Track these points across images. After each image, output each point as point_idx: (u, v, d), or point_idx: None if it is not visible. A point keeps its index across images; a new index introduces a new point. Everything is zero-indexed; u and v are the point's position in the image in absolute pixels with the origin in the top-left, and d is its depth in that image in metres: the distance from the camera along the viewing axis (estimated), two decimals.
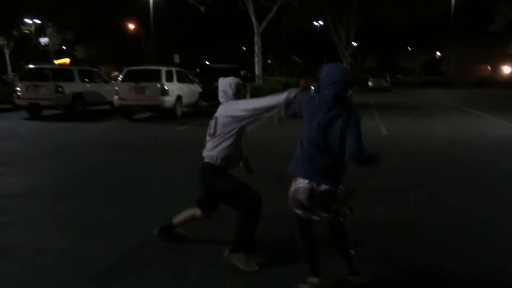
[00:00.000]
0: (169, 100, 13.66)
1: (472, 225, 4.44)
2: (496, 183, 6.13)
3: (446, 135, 10.64)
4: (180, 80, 14.81)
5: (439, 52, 63.79)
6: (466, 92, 31.33)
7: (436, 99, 24.46)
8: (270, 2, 16.89)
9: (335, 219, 3.03)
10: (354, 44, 75.44)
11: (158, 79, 13.55)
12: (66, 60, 45.08)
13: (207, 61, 50.29)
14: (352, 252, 3.14)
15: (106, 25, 53.35)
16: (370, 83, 35.04)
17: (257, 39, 17.59)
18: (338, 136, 2.85)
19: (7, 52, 44.07)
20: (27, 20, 47.26)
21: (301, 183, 2.88)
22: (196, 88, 16.39)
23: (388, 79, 35.43)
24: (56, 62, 41.96)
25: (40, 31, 48.80)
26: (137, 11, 52.68)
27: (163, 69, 13.87)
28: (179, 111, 14.40)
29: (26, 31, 47.25)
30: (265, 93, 15.58)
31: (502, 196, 5.50)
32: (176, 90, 14.18)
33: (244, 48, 66.55)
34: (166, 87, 13.53)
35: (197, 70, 21.52)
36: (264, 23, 17.57)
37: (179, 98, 14.31)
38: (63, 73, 14.67)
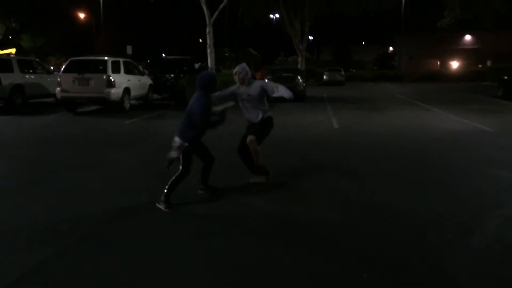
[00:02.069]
0: (115, 92, 13.04)
1: (399, 217, 4.35)
2: (440, 176, 6.13)
3: (395, 128, 10.73)
4: (128, 71, 14.19)
5: (392, 47, 65.45)
6: (416, 86, 32.24)
7: (388, 93, 24.95)
8: None
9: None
10: (310, 37, 76.36)
11: (104, 70, 12.90)
12: (12, 50, 42.66)
13: (164, 53, 49.25)
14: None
15: (55, 13, 50.95)
16: (325, 77, 35.37)
17: (209, 29, 17.12)
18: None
19: None
20: None
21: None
22: (146, 80, 15.79)
23: (343, 73, 35.89)
24: (1, 52, 39.64)
25: None
26: (89, 0, 50.65)
27: (109, 60, 13.21)
28: (127, 104, 13.81)
29: None
30: (218, 86, 15.22)
31: (441, 187, 5.49)
32: (123, 82, 13.57)
33: (200, 40, 65.83)
34: (112, 79, 12.91)
35: (148, 61, 20.84)
36: (216, 13, 17.12)
37: (126, 90, 13.70)
38: (1, 63, 13.69)
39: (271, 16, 41.15)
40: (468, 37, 53.13)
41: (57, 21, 51.58)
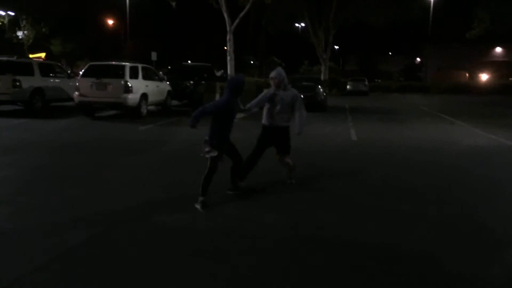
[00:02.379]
0: (132, 97, 12.98)
1: (424, 250, 3.98)
2: (461, 200, 5.71)
3: (417, 142, 10.28)
4: (146, 77, 14.15)
5: (419, 57, 64.35)
6: (443, 98, 31.39)
7: (412, 104, 24.32)
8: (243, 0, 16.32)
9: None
10: (336, 47, 75.90)
11: (122, 75, 12.86)
12: (42, 55, 43.75)
13: (188, 60, 49.64)
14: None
15: (84, 19, 52.14)
16: (348, 87, 34.88)
17: (229, 37, 16.97)
18: None
19: None
20: (0, 12, 45.91)
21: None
22: (165, 86, 15.74)
23: (366, 83, 35.31)
24: (32, 56, 40.66)
25: (14, 23, 47.43)
26: (116, 7, 51.61)
27: (128, 65, 13.17)
28: (144, 110, 13.74)
29: None
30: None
31: (460, 213, 5.08)
32: (141, 87, 13.52)
33: (225, 48, 66.28)
34: (129, 84, 12.85)
35: (169, 67, 20.88)
36: (237, 21, 16.98)
37: (144, 96, 13.65)
38: (22, 67, 13.85)
39: (296, 24, 41.02)
40: (498, 49, 51.72)
41: (86, 27, 52.74)
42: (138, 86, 13.36)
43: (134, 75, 13.34)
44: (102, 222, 4.40)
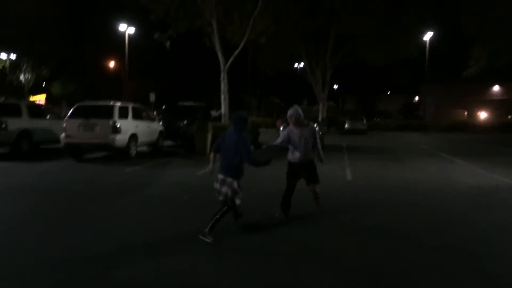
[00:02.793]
0: (121, 138, 12.60)
1: None
2: (462, 249, 5.16)
3: (414, 182, 9.78)
4: (136, 117, 13.83)
5: (418, 96, 64.61)
6: (441, 136, 31.06)
7: (411, 143, 23.94)
8: (237, 38, 16.21)
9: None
10: (335, 86, 76.56)
11: (110, 116, 12.53)
12: (42, 97, 43.95)
13: (187, 100, 49.80)
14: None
15: (84, 61, 52.84)
16: (346, 125, 34.65)
17: (223, 76, 16.79)
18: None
19: None
20: (2, 56, 46.57)
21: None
22: (157, 127, 15.42)
23: (365, 121, 35.13)
24: (32, 99, 40.79)
25: (15, 66, 48.06)
26: (116, 48, 52.41)
27: (117, 105, 12.87)
28: (133, 151, 13.33)
29: None
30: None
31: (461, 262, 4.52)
32: (130, 128, 13.16)
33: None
34: (117, 124, 12.50)
35: (163, 107, 20.67)
36: (231, 60, 16.86)
37: (133, 136, 13.27)
38: (9, 108, 13.56)
39: (295, 64, 41.29)
40: (496, 88, 51.94)
41: (86, 69, 53.37)
42: (127, 126, 13.02)
43: (123, 115, 13.01)
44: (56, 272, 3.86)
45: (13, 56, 47.02)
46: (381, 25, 29.79)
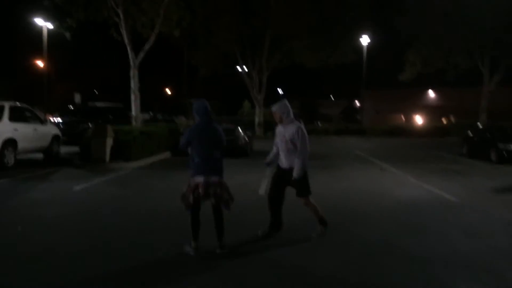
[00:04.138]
0: None
1: None
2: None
3: (336, 195, 8.27)
4: (17, 119, 11.43)
5: (358, 101, 65.14)
6: (379, 141, 30.48)
7: (347, 148, 22.85)
8: (146, 30, 14.19)
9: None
10: (280, 91, 76.02)
11: None
12: None
13: (117, 101, 46.86)
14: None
15: (9, 61, 48.47)
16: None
17: (133, 73, 14.68)
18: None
19: None
20: None
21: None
22: (49, 130, 13.06)
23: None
24: None
25: None
26: (45, 49, 48.49)
27: None
28: (9, 160, 10.92)
29: None
30: (134, 137, 12.61)
31: None
32: (5, 131, 10.75)
33: (168, 90, 63.87)
34: None
35: (71, 107, 18.24)
36: (142, 55, 14.79)
37: (9, 142, 10.87)
38: None
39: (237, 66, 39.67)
40: (431, 93, 53.04)
41: (11, 70, 49.06)
42: (0, 130, 10.62)
43: None
44: None
45: None
46: (317, 28, 28.86)
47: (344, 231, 5.72)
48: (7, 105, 11.21)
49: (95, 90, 53.44)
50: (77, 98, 35.76)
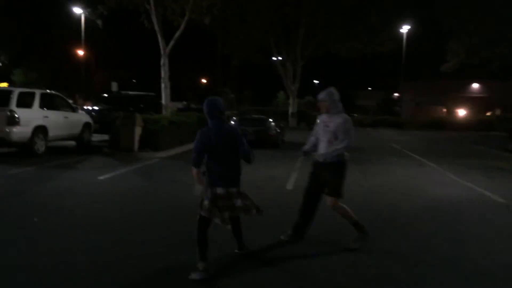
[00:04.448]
0: (20, 131, 10.24)
1: None
2: None
3: (368, 193, 7.75)
4: (48, 106, 11.45)
5: (397, 92, 63.21)
6: (418, 134, 29.33)
7: (382, 141, 22.02)
8: (176, 17, 13.87)
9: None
10: (316, 81, 74.97)
11: (6, 104, 10.16)
12: (4, 85, 41.08)
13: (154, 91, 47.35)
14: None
15: (49, 49, 49.86)
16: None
17: (163, 61, 14.47)
18: None
19: None
20: None
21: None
22: (80, 118, 13.08)
23: None
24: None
25: None
26: (84, 36, 49.52)
27: (16, 91, 10.51)
28: (40, 147, 10.97)
29: None
30: (163, 126, 12.43)
31: None
32: (35, 119, 10.80)
33: (204, 80, 64.02)
34: (16, 114, 10.15)
35: (104, 96, 18.30)
36: (172, 43, 14.54)
37: (40, 129, 10.90)
38: None
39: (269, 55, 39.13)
40: (475, 85, 50.72)
41: (51, 57, 50.41)
42: (31, 117, 10.66)
43: (26, 104, 10.65)
44: None
45: None
46: (353, 15, 27.86)
47: (377, 237, 5.22)
48: (38, 92, 11.24)
49: (133, 79, 54.16)
50: (114, 86, 36.26)
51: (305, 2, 27.64)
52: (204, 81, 63.83)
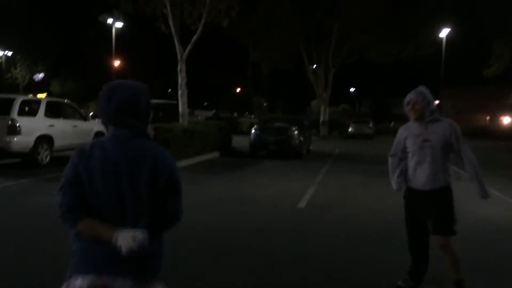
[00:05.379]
0: (21, 141, 9.71)
1: None
2: None
3: (393, 214, 6.58)
4: (54, 115, 10.94)
5: (436, 99, 60.75)
6: None
7: None
8: (194, 20, 13.13)
9: None
10: (352, 89, 73.35)
11: (7, 112, 9.67)
12: (43, 95, 42.10)
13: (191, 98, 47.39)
14: None
15: (84, 59, 51.01)
16: (350, 129, 31.27)
17: (180, 67, 13.78)
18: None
19: None
20: None
21: None
22: (90, 127, 12.51)
23: (371, 125, 31.66)
24: (30, 96, 38.90)
25: (9, 63, 46.54)
26: (117, 45, 50.27)
27: (19, 99, 10.02)
28: (44, 157, 10.42)
29: None
30: (174, 136, 11.68)
31: None
32: (39, 128, 10.27)
33: (238, 89, 63.76)
34: (17, 124, 9.63)
35: None
36: (189, 47, 13.84)
37: (45, 139, 10.36)
38: None
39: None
40: None
41: (86, 67, 51.48)
42: (34, 126, 10.14)
43: (29, 112, 10.17)
44: None
45: (8, 53, 45.56)
46: (389, 19, 26.43)
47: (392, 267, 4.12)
48: (43, 101, 10.75)
49: (169, 88, 54.40)
50: None
51: (337, 6, 26.53)
52: (236, 89, 63.54)
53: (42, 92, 46.75)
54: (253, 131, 14.74)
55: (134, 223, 1.72)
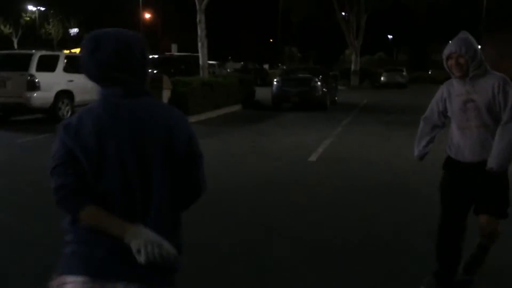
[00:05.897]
0: (41, 97, 9.89)
1: None
2: None
3: (411, 169, 6.28)
4: (74, 70, 11.00)
5: (479, 46, 57.41)
6: None
7: None
8: None
9: None
10: (390, 36, 70.27)
11: (26, 68, 9.81)
12: (77, 50, 42.73)
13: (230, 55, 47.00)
14: None
15: (118, 14, 50.95)
16: (382, 78, 30.18)
17: (199, 18, 13.42)
18: None
19: (15, 41, 43.02)
20: (31, 8, 45.90)
21: None
22: None
23: (404, 73, 30.38)
24: (66, 51, 39.61)
25: (43, 19, 47.19)
26: (150, 2, 49.72)
27: (37, 54, 10.10)
28: (66, 113, 10.59)
29: (27, 18, 45.73)
30: (193, 89, 11.60)
31: None
32: (58, 83, 10.39)
33: (271, 40, 62.31)
34: (36, 79, 9.78)
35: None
36: None
37: (64, 94, 10.50)
38: None
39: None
40: None
41: (119, 23, 51.46)
42: (53, 81, 10.26)
43: (48, 67, 10.25)
44: None
45: (41, 9, 46.25)
46: None
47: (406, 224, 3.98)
48: (62, 55, 10.82)
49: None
50: (174, 48, 36.10)
51: None
52: (269, 40, 62.03)
53: (77, 47, 47.43)
54: (274, 83, 14.43)
55: (146, 209, 1.38)
